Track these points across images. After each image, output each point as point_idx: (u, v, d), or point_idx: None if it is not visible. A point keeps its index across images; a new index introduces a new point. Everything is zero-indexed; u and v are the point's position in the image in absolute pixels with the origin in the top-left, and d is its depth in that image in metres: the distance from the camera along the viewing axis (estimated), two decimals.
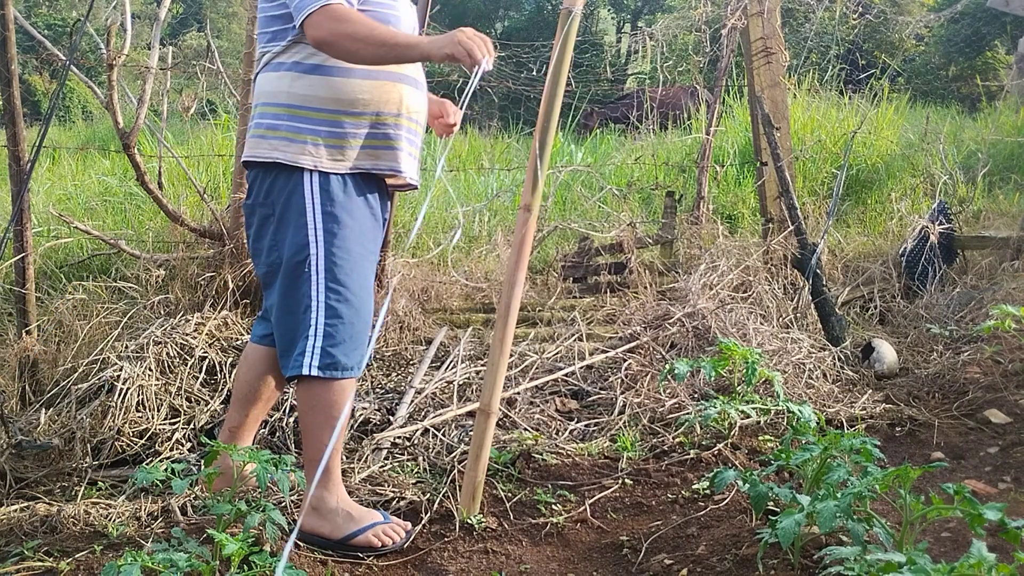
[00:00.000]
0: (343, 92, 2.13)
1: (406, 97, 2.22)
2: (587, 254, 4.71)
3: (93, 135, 10.69)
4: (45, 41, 3.58)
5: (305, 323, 2.12)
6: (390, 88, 2.18)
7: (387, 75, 2.18)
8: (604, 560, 2.17)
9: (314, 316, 2.12)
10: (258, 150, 2.16)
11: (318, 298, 2.12)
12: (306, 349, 2.11)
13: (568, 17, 2.16)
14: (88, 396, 2.84)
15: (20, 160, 2.99)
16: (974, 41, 15.53)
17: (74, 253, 4.44)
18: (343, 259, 2.14)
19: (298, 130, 2.13)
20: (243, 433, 2.39)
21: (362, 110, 2.15)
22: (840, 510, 1.78)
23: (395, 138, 2.21)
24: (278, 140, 2.13)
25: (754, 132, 4.64)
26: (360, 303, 2.18)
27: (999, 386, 3.13)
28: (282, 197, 2.14)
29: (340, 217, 2.14)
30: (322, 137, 2.13)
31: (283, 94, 2.14)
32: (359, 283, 2.18)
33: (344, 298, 2.14)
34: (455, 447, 2.73)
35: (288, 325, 2.16)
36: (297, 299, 2.14)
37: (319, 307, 2.12)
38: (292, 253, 2.13)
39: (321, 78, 2.13)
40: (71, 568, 1.95)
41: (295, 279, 2.14)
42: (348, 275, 2.15)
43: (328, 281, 2.12)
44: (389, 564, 2.13)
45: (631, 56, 15.41)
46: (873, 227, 5.75)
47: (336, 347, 2.12)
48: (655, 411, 3.03)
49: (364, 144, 2.17)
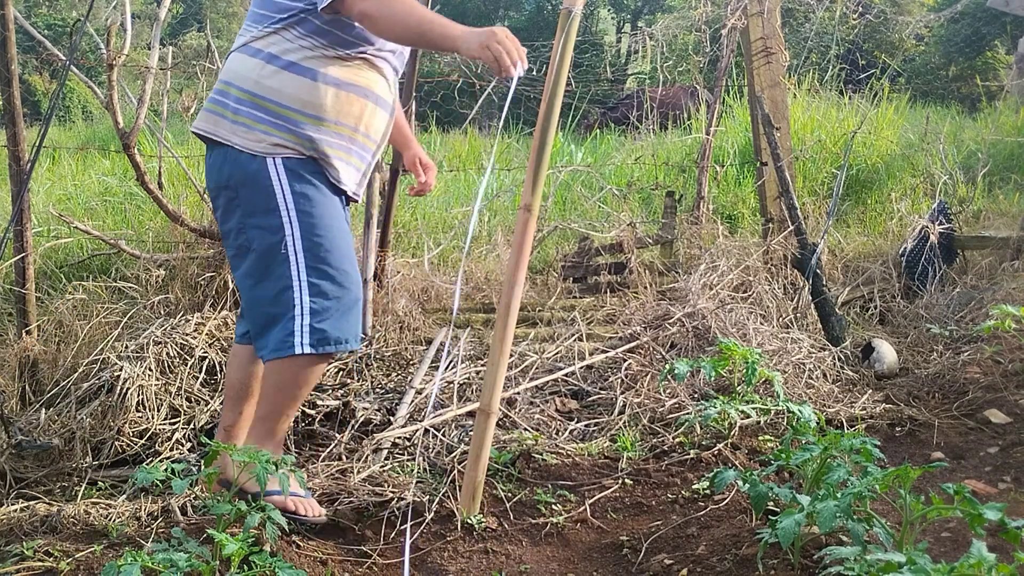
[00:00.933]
0: (309, 95, 2.14)
1: (368, 115, 2.23)
2: (587, 254, 4.70)
3: (93, 135, 10.69)
4: (45, 41, 3.58)
5: (288, 304, 2.12)
6: (355, 102, 2.19)
7: (357, 89, 2.19)
8: (604, 560, 2.17)
9: (297, 296, 2.11)
10: (216, 128, 2.16)
11: (299, 277, 2.11)
12: (294, 329, 2.10)
13: (568, 17, 2.16)
14: (88, 396, 2.84)
15: (20, 160, 2.99)
16: (974, 41, 15.53)
17: (74, 253, 4.44)
18: (321, 235, 2.13)
19: (257, 119, 2.13)
20: (238, 431, 2.39)
21: (323, 116, 2.15)
22: (840, 510, 1.78)
23: (345, 151, 2.21)
24: (237, 125, 2.14)
25: (754, 132, 4.64)
26: (344, 277, 2.17)
27: (999, 386, 3.13)
28: (247, 179, 2.13)
29: (310, 194, 2.13)
30: (279, 131, 2.13)
31: (251, 81, 2.14)
32: (340, 257, 2.17)
33: (327, 274, 2.14)
34: (455, 447, 2.73)
35: (265, 308, 2.15)
36: (275, 281, 2.13)
37: (302, 286, 2.11)
38: (265, 236, 2.12)
39: (292, 76, 2.13)
40: (71, 568, 1.95)
41: (271, 261, 2.12)
42: (329, 251, 2.14)
43: (308, 260, 2.12)
44: (389, 563, 2.13)
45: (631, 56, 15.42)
46: (873, 227, 5.74)
47: (325, 322, 2.12)
48: (655, 411, 3.03)
49: (316, 147, 2.16)
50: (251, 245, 2.15)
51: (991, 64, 15.69)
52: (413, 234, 5.33)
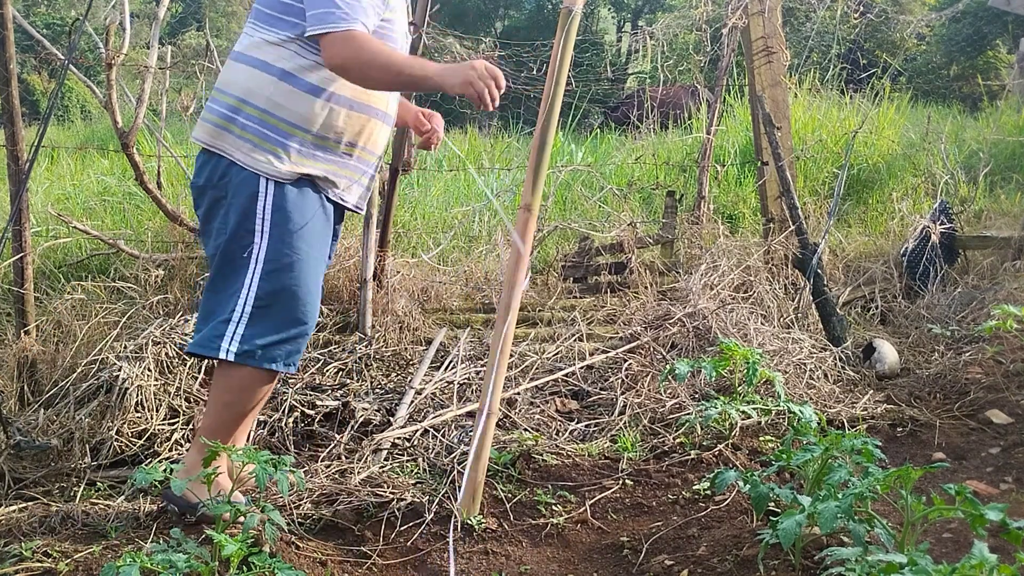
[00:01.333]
0: (322, 117, 2.16)
1: (374, 132, 2.27)
2: (587, 254, 4.70)
3: (92, 134, 10.68)
4: (44, 40, 3.58)
5: (229, 307, 2.13)
6: (364, 121, 2.23)
7: (365, 108, 2.22)
8: (604, 561, 2.16)
9: (241, 302, 2.12)
10: (219, 141, 2.17)
11: (251, 286, 2.13)
12: (224, 333, 2.12)
13: (568, 16, 2.15)
14: (87, 396, 2.83)
15: (19, 160, 2.98)
16: (975, 40, 15.51)
17: (73, 253, 4.44)
18: (287, 255, 2.15)
19: (266, 137, 2.14)
20: (238, 436, 2.39)
21: (333, 136, 2.19)
22: (841, 511, 1.78)
23: (352, 169, 2.26)
24: (242, 141, 2.14)
25: (755, 131, 4.63)
26: (296, 302, 2.17)
27: (1001, 386, 3.12)
28: (236, 182, 2.14)
29: (291, 214, 2.15)
30: (287, 152, 2.15)
31: (262, 97, 2.14)
32: (300, 281, 2.17)
33: (278, 293, 2.14)
34: (455, 448, 2.72)
35: (211, 304, 2.18)
36: (229, 282, 2.15)
37: (249, 295, 2.12)
38: (236, 239, 2.14)
39: (305, 96, 2.14)
40: (70, 569, 1.95)
41: (232, 264, 2.15)
42: (289, 272, 2.15)
43: (265, 272, 2.13)
44: (389, 564, 2.12)
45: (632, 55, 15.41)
46: (874, 227, 5.74)
47: (258, 337, 2.13)
48: (656, 411, 3.02)
49: (322, 167, 2.20)
50: (224, 246, 2.17)
51: (992, 63, 15.68)
52: (413, 234, 5.32)
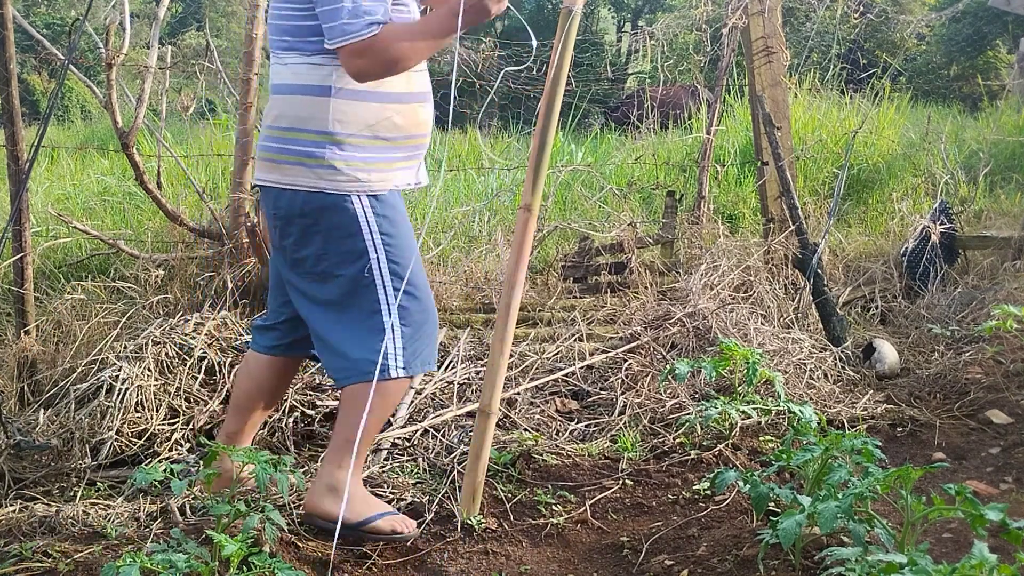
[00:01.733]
0: (384, 118, 2.12)
1: (425, 115, 2.24)
2: (587, 254, 4.69)
3: (92, 134, 10.68)
4: (44, 40, 3.58)
5: (376, 328, 2.11)
6: (418, 109, 2.21)
7: (413, 97, 2.19)
8: (604, 561, 2.17)
9: (387, 320, 2.11)
10: (301, 179, 2.09)
11: (388, 301, 2.12)
12: (384, 352, 2.09)
13: (568, 16, 2.15)
14: (87, 396, 2.83)
15: (19, 159, 2.98)
16: (975, 40, 15.51)
17: (73, 253, 4.43)
18: (404, 260, 2.15)
19: (346, 159, 2.09)
20: (241, 439, 2.39)
21: (397, 135, 2.16)
22: (841, 511, 1.78)
23: (413, 158, 2.24)
24: (323, 169, 2.08)
25: (755, 131, 4.63)
26: (425, 298, 2.21)
27: (1001, 386, 3.12)
28: (326, 207, 2.10)
29: (393, 218, 2.15)
30: (371, 164, 2.12)
31: (324, 120, 2.08)
32: (422, 278, 2.22)
33: (413, 296, 2.16)
34: (455, 448, 2.72)
35: (348, 332, 2.13)
36: (362, 306, 2.13)
37: (390, 309, 2.12)
38: (350, 262, 2.12)
39: (360, 104, 2.09)
40: (70, 569, 1.95)
41: (357, 286, 2.13)
42: (412, 273, 2.16)
43: (395, 284, 2.13)
44: (389, 564, 2.12)
45: (632, 55, 15.41)
46: (874, 227, 5.74)
47: (412, 346, 2.14)
48: (656, 411, 3.02)
49: (399, 166, 2.19)
50: (335, 271, 2.13)
51: (992, 63, 15.68)
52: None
